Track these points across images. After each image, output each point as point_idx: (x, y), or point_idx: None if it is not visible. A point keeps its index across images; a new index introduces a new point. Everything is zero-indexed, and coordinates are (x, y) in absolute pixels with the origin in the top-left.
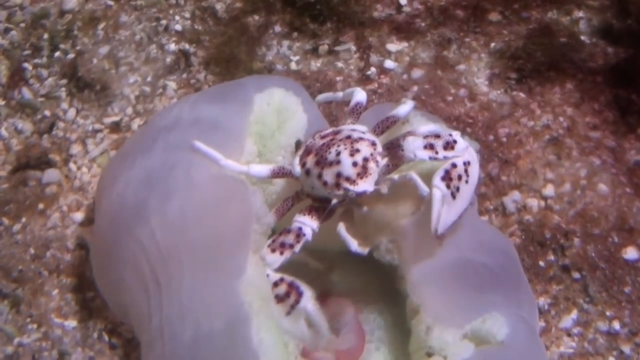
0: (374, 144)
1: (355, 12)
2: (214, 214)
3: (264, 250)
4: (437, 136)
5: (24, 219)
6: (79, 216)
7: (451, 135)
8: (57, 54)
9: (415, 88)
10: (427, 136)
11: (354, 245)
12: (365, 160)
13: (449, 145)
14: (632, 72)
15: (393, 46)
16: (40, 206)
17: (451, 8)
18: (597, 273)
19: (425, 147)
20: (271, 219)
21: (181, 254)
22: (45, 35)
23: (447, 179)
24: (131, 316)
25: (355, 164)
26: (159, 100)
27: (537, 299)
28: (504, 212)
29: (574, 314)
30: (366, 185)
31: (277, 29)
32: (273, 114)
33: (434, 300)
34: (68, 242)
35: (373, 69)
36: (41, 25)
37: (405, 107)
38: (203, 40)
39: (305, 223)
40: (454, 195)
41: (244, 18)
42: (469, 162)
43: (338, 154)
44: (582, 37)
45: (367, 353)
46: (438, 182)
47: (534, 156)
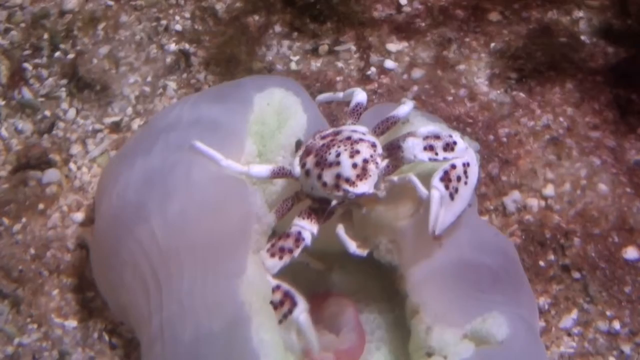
0: (374, 145)
1: (355, 12)
2: (214, 214)
3: (263, 254)
4: (437, 137)
5: (24, 219)
6: (79, 216)
7: (451, 137)
8: (57, 54)
9: (415, 88)
10: (427, 137)
11: (353, 247)
12: (365, 161)
13: (449, 147)
14: (632, 72)
15: (393, 46)
16: (41, 206)
17: (451, 8)
18: (597, 273)
19: (425, 149)
20: (271, 218)
21: (181, 254)
22: (46, 35)
23: (446, 179)
24: (131, 316)
25: (355, 166)
26: (159, 100)
27: (538, 299)
28: (504, 212)
29: (574, 313)
30: (365, 187)
31: (277, 29)
32: (273, 114)
33: (434, 300)
34: (68, 242)
35: (373, 69)
36: (41, 25)
37: (405, 107)
38: (203, 40)
39: (304, 227)
40: (452, 197)
41: (244, 18)
42: (469, 164)
43: (338, 155)
44: (582, 37)
45: (367, 353)
46: (437, 183)
47: (534, 156)
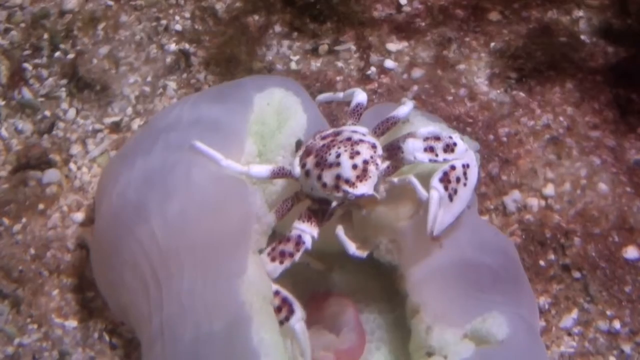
0: (374, 146)
1: (355, 11)
2: (214, 214)
3: (264, 258)
4: (437, 138)
5: (24, 219)
6: (79, 216)
7: (451, 138)
8: (57, 54)
9: (415, 88)
10: (427, 138)
11: (352, 248)
12: (365, 163)
13: (449, 148)
14: (632, 72)
15: (393, 46)
16: (41, 206)
17: (451, 7)
18: (598, 272)
19: (425, 150)
20: (271, 218)
21: (181, 254)
22: (45, 35)
23: (445, 180)
24: (131, 316)
25: (355, 167)
26: (159, 100)
27: (538, 299)
28: (504, 212)
29: (574, 313)
30: (365, 188)
31: (277, 28)
32: (273, 114)
33: (434, 299)
34: (68, 242)
35: (373, 69)
36: (41, 25)
37: (405, 108)
38: (203, 40)
39: (304, 230)
40: (451, 198)
41: (244, 18)
42: (468, 165)
43: (338, 155)
44: (582, 37)
45: (367, 353)
46: (436, 184)
47: (534, 156)
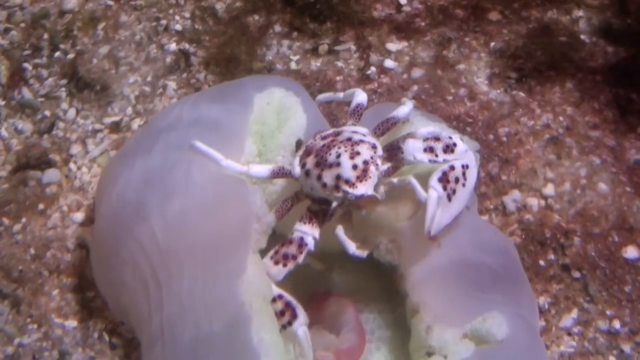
0: (374, 147)
1: (355, 11)
2: (214, 214)
3: (266, 262)
4: (437, 139)
5: (24, 219)
6: (79, 216)
7: (451, 138)
8: (57, 54)
9: (415, 87)
10: (427, 139)
11: (352, 248)
12: (366, 163)
13: (449, 149)
14: (632, 72)
15: (393, 46)
16: (41, 206)
17: (451, 7)
18: (598, 272)
19: (425, 150)
20: (271, 218)
21: (181, 253)
22: (45, 35)
23: (444, 180)
24: (131, 316)
25: (355, 167)
26: (159, 100)
27: (538, 298)
28: (504, 212)
29: (574, 313)
30: (365, 188)
31: (277, 28)
32: (273, 114)
33: (434, 299)
34: (68, 242)
35: (373, 69)
36: (41, 25)
37: (405, 108)
38: (203, 40)
39: (306, 232)
40: (449, 198)
41: (244, 18)
42: (468, 166)
43: (338, 156)
44: (582, 37)
45: (367, 353)
46: (435, 184)
47: (534, 155)
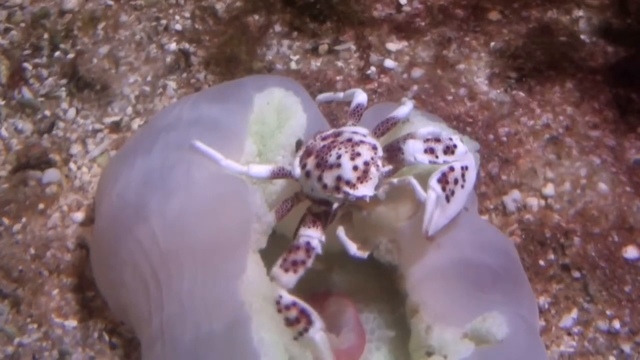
0: (374, 147)
1: (355, 11)
2: (214, 214)
3: (277, 271)
4: (438, 140)
5: (24, 219)
6: (79, 216)
7: (451, 140)
8: (57, 53)
9: (415, 87)
10: (428, 140)
11: (353, 249)
12: (366, 164)
13: (449, 150)
14: (632, 71)
15: (393, 45)
16: (41, 206)
17: (451, 7)
18: (597, 272)
19: (425, 151)
20: (271, 218)
21: (181, 254)
22: (45, 35)
23: (443, 181)
24: (131, 316)
25: (355, 168)
26: (159, 100)
27: (538, 298)
28: (504, 212)
29: (574, 313)
30: (366, 189)
31: (277, 28)
32: (273, 114)
33: (433, 299)
34: (68, 242)
35: (373, 69)
36: (41, 25)
37: (405, 108)
38: (203, 40)
39: (312, 236)
40: (448, 199)
41: (244, 18)
42: (467, 168)
43: (339, 157)
44: (582, 36)
45: (367, 353)
46: (434, 184)
47: (534, 155)
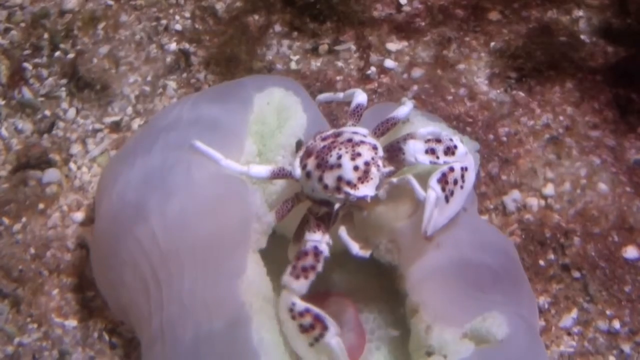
0: (375, 147)
1: (355, 11)
2: (214, 214)
3: (287, 279)
4: (439, 141)
5: (24, 219)
6: (79, 216)
7: (452, 140)
8: (57, 53)
9: (415, 87)
10: (429, 140)
11: (356, 249)
12: (367, 164)
13: (450, 151)
14: (632, 72)
15: (393, 45)
16: (41, 206)
17: (451, 7)
18: (597, 272)
19: (426, 152)
20: (271, 218)
21: (181, 253)
22: (46, 35)
23: (443, 181)
24: (131, 316)
25: (356, 168)
26: (159, 100)
27: (537, 298)
28: (504, 212)
29: (574, 313)
30: (367, 189)
31: (277, 28)
32: (273, 114)
33: (433, 299)
34: (68, 241)
35: (373, 69)
36: (41, 25)
37: (405, 108)
38: (203, 40)
39: (318, 240)
40: (447, 199)
41: (244, 18)
42: (467, 168)
43: (339, 157)
44: (582, 37)
45: (367, 352)
46: (434, 184)
47: (534, 155)
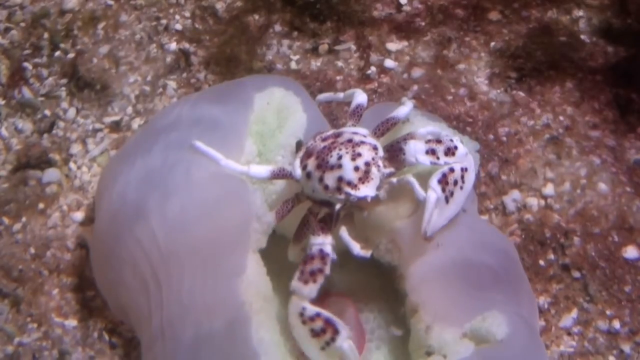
0: (375, 148)
1: (355, 11)
2: (214, 213)
3: (296, 284)
4: (439, 141)
5: (24, 219)
6: (79, 216)
7: (452, 141)
8: (57, 53)
9: (415, 87)
10: (429, 141)
11: (357, 249)
12: (367, 164)
13: (450, 151)
14: (632, 71)
15: (393, 45)
16: (41, 206)
17: (451, 7)
18: (597, 272)
19: (427, 152)
20: (271, 218)
21: (181, 253)
22: (46, 35)
23: (443, 182)
24: (131, 316)
25: (356, 169)
26: (159, 100)
27: (537, 298)
28: (504, 212)
29: (574, 313)
30: (368, 190)
31: (277, 28)
32: (273, 114)
33: (433, 299)
34: (68, 241)
35: (373, 68)
36: (41, 25)
37: (405, 108)
38: (203, 40)
39: (323, 243)
40: (447, 200)
41: (244, 17)
42: (467, 169)
43: (339, 157)
44: (582, 36)
45: (367, 352)
46: (434, 185)
47: (534, 155)
